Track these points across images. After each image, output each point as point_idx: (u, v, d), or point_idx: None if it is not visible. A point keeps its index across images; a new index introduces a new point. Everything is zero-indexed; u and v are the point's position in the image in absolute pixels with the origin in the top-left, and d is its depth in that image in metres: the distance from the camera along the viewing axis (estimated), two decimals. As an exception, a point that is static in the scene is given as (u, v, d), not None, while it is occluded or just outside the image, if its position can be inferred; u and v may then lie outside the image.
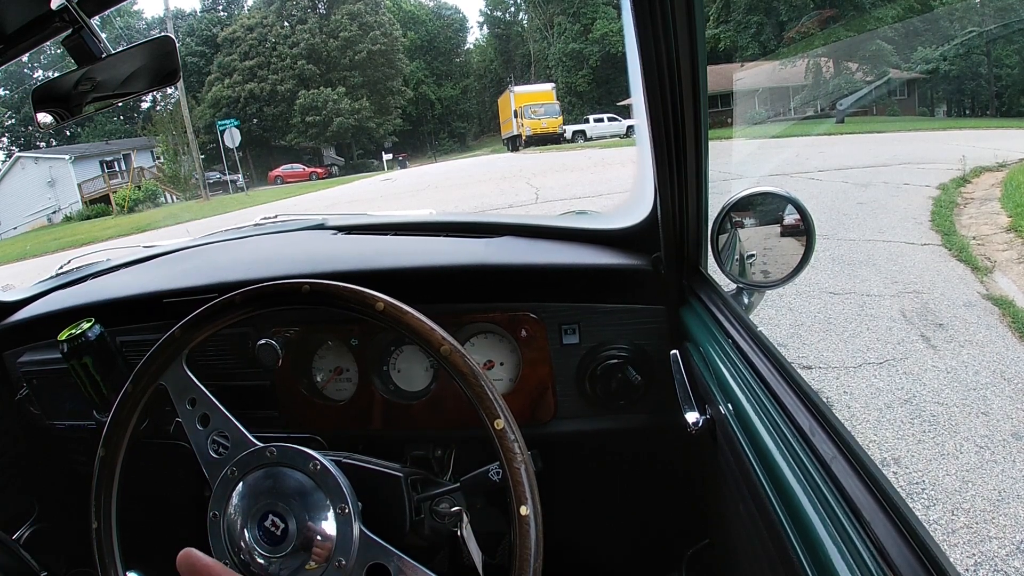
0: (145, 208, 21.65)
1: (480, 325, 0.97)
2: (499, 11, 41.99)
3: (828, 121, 16.78)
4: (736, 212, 0.92)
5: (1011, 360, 2.88)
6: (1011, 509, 1.93)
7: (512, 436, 0.50)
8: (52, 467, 1.29)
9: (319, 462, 0.60)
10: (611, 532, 1.16)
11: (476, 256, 1.01)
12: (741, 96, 16.91)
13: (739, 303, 0.95)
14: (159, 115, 25.97)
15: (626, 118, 23.67)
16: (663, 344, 0.91)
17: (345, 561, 0.57)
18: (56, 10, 0.76)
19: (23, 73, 28.97)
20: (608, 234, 1.01)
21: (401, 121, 36.83)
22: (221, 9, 38.12)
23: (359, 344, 0.99)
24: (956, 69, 18.78)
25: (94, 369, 1.00)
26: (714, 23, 25.07)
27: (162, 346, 0.67)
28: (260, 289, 0.63)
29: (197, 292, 1.02)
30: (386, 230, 1.27)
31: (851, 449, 0.48)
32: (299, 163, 30.43)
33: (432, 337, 0.56)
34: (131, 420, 0.67)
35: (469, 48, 43.96)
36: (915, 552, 0.39)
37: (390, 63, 35.41)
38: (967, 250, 4.53)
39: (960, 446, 2.26)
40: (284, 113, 34.29)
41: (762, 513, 0.53)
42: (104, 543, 0.66)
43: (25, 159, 25.08)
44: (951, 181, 7.01)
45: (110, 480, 0.67)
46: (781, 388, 0.59)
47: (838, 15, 21.98)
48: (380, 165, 30.97)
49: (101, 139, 29.50)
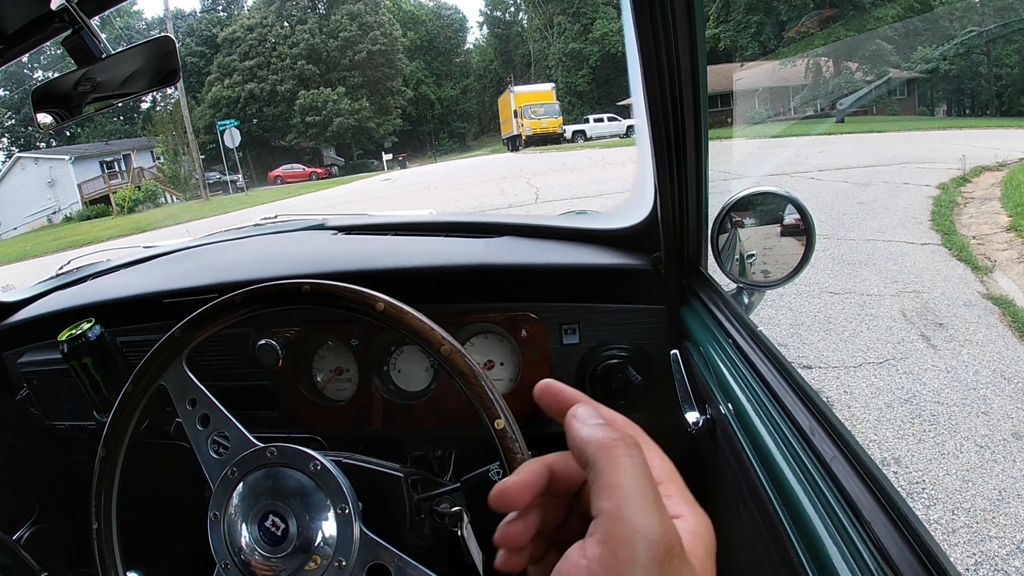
0: (145, 208, 21.65)
1: (480, 325, 0.97)
2: (499, 11, 41.99)
3: (828, 121, 16.79)
4: (736, 212, 0.92)
5: (1011, 360, 2.87)
6: (1011, 509, 1.93)
7: (512, 436, 0.50)
8: (52, 467, 1.29)
9: (319, 462, 0.60)
10: None
11: (476, 256, 1.01)
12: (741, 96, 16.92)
13: (739, 303, 0.95)
14: (159, 115, 25.97)
15: (626, 118, 23.67)
16: (663, 344, 0.91)
17: (345, 561, 0.57)
18: (56, 10, 0.76)
19: (23, 73, 28.99)
20: (608, 234, 1.01)
21: (401, 121, 36.84)
22: (221, 9, 38.13)
23: (359, 344, 0.99)
24: (956, 69, 18.79)
25: (94, 369, 1.00)
26: (714, 23, 25.07)
27: (162, 346, 0.67)
28: (260, 289, 0.63)
29: (197, 292, 1.02)
30: (386, 230, 1.27)
31: (851, 449, 0.48)
32: (299, 163, 30.44)
33: (432, 337, 0.56)
34: (131, 420, 0.67)
35: (469, 48, 43.99)
36: (915, 552, 0.39)
37: (390, 63, 35.41)
38: (967, 249, 4.53)
39: (960, 446, 2.26)
40: (284, 113, 34.30)
41: (762, 513, 0.53)
42: (104, 543, 0.66)
43: (25, 159, 25.07)
44: (951, 181, 7.01)
45: (110, 480, 0.67)
46: (781, 388, 0.59)
47: (838, 15, 21.98)
48: (380, 165, 30.97)
49: (101, 139, 29.51)
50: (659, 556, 0.25)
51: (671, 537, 0.26)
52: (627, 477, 0.27)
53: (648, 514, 0.26)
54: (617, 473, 0.28)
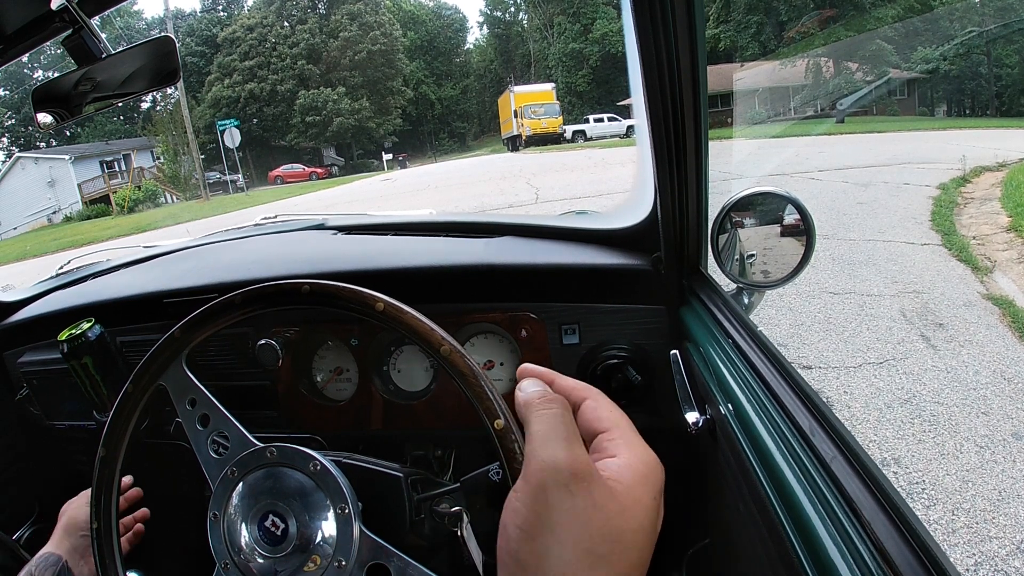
0: (145, 208, 21.66)
1: (480, 325, 0.97)
2: (499, 11, 41.99)
3: (828, 121, 16.79)
4: (736, 212, 0.92)
5: (1011, 360, 2.87)
6: (1011, 509, 1.93)
7: (512, 436, 0.50)
8: (52, 467, 1.29)
9: (319, 462, 0.60)
10: None
11: (476, 256, 1.01)
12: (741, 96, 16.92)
13: (739, 303, 0.95)
14: (159, 115, 25.96)
15: (626, 118, 23.68)
16: (663, 344, 0.91)
17: (345, 561, 0.57)
18: (56, 10, 0.75)
19: (23, 73, 29.00)
20: (608, 234, 1.01)
21: (401, 121, 36.85)
22: (221, 9, 38.14)
23: (359, 344, 0.99)
24: (956, 69, 18.79)
25: (94, 369, 1.00)
26: (714, 23, 25.09)
27: (162, 346, 0.67)
28: (260, 289, 0.63)
29: (197, 292, 1.02)
30: (386, 230, 1.27)
31: (851, 449, 0.48)
32: (299, 163, 30.46)
33: (432, 337, 0.56)
34: (131, 420, 0.67)
35: (469, 48, 44.00)
36: (915, 552, 0.39)
37: (390, 63, 35.41)
38: (967, 250, 4.53)
39: (960, 446, 2.26)
40: (284, 113, 34.31)
41: (762, 513, 0.53)
42: (104, 543, 0.66)
43: (25, 159, 25.08)
44: (951, 181, 7.01)
45: (110, 480, 0.67)
46: (781, 388, 0.59)
47: (838, 15, 21.98)
48: (380, 165, 30.98)
49: (101, 139, 29.52)
50: (564, 479, 0.31)
51: (578, 464, 0.32)
52: (541, 425, 0.34)
53: (555, 450, 0.33)
54: (536, 423, 0.35)
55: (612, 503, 0.32)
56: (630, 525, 0.32)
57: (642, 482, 0.34)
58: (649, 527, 0.33)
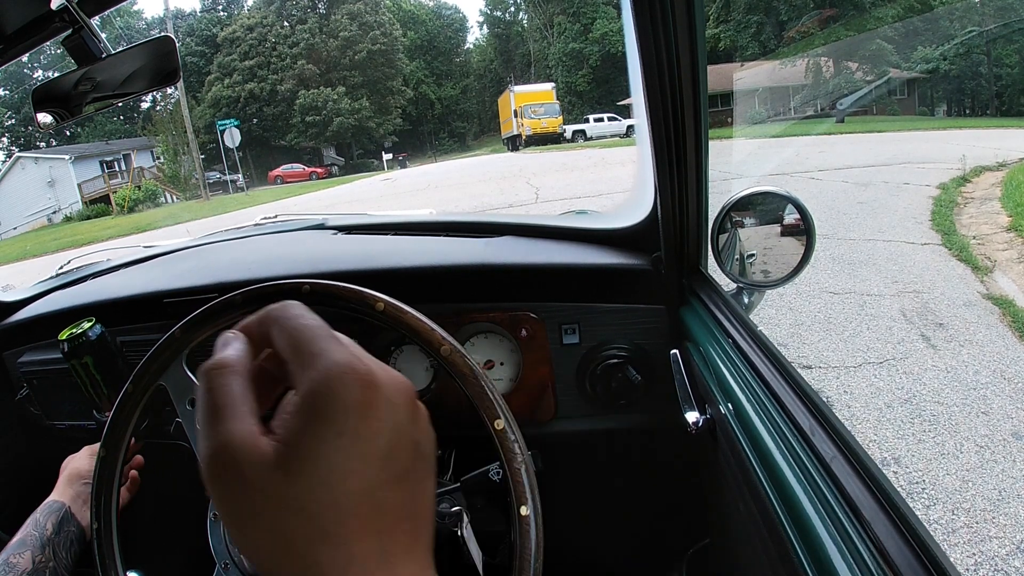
0: (145, 208, 21.66)
1: (480, 325, 0.97)
2: (499, 11, 42.00)
3: (828, 121, 16.80)
4: (736, 212, 0.92)
5: (1011, 360, 2.87)
6: (1011, 509, 1.93)
7: (512, 436, 0.50)
8: (52, 467, 1.28)
9: (319, 462, 0.60)
10: (611, 532, 1.16)
11: (476, 256, 1.01)
12: (741, 96, 16.93)
13: (739, 303, 0.95)
14: (159, 115, 25.95)
15: (626, 118, 23.67)
16: (663, 344, 0.91)
17: (345, 561, 0.57)
18: (56, 10, 0.75)
19: (23, 73, 29.00)
20: (608, 234, 1.01)
21: (401, 121, 36.85)
22: (221, 9, 38.14)
23: (359, 344, 0.99)
24: (956, 69, 18.80)
25: (94, 369, 1.00)
26: (714, 23, 25.08)
27: (162, 346, 0.67)
28: (261, 289, 0.63)
29: (197, 292, 1.01)
30: (386, 230, 1.27)
31: (851, 449, 0.48)
32: (299, 163, 30.45)
33: (432, 337, 0.56)
34: (131, 420, 0.67)
35: (469, 48, 43.99)
36: (915, 552, 0.39)
37: (390, 63, 35.42)
38: (967, 250, 4.53)
39: (960, 446, 2.26)
40: (284, 113, 34.31)
41: (762, 513, 0.53)
42: (104, 543, 0.66)
43: (25, 159, 25.08)
44: (951, 181, 7.01)
45: (110, 480, 0.67)
46: (781, 388, 0.59)
47: (838, 15, 21.98)
48: (380, 165, 30.98)
49: (101, 139, 29.52)
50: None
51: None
52: (199, 397, 0.31)
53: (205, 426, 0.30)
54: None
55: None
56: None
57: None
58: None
